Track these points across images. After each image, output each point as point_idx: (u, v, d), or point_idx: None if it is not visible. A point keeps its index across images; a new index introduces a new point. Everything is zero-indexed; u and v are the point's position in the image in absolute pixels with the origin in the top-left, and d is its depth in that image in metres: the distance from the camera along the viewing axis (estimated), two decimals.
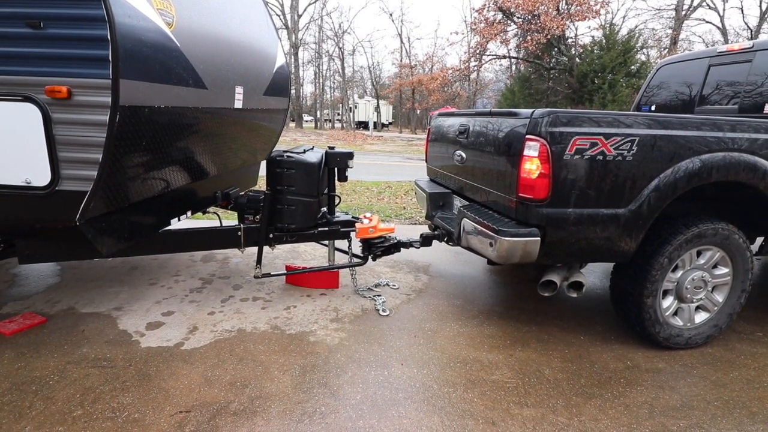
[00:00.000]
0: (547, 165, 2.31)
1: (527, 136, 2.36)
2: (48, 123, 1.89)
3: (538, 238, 2.38)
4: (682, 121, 2.45)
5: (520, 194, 2.43)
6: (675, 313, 2.70)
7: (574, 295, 2.64)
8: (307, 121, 44.96)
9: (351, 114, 40.28)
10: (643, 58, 21.65)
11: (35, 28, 1.86)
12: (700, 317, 2.74)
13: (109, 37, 1.81)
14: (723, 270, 2.70)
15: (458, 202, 3.20)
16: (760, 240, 3.21)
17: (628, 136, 2.36)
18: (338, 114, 47.54)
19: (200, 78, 2.51)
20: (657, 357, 2.59)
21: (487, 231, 2.51)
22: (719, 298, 2.73)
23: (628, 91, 17.72)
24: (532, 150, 2.34)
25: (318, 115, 44.47)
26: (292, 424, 1.91)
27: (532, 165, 2.35)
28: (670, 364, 2.52)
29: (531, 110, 2.41)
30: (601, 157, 2.34)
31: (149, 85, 2.08)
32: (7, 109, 1.91)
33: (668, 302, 2.66)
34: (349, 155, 3.30)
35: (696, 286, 2.66)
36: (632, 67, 18.59)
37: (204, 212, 3.62)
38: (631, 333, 2.81)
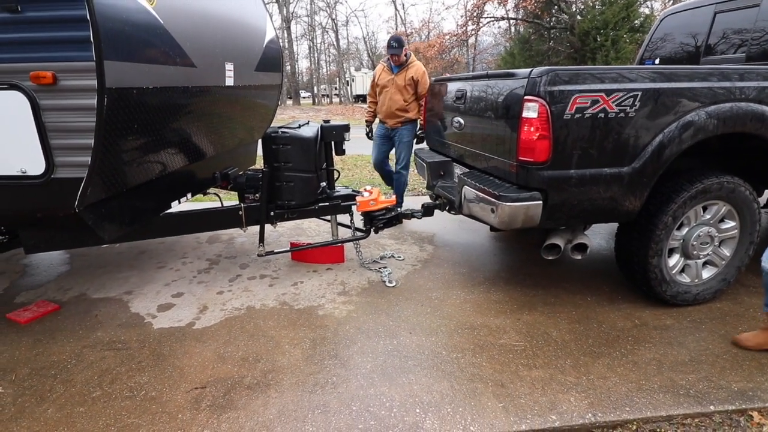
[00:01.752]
0: (547, 126, 2.25)
1: (526, 97, 2.30)
2: (36, 110, 1.86)
3: (540, 202, 2.35)
4: (687, 73, 2.37)
5: (521, 158, 2.39)
6: (682, 271, 2.69)
7: (578, 257, 2.63)
8: (304, 98, 44.32)
9: (348, 88, 39.59)
10: (647, 11, 20.85)
11: (12, 12, 1.80)
12: (708, 272, 2.73)
13: (88, 17, 1.75)
14: (730, 223, 2.67)
15: (458, 170, 3.16)
16: None
17: (630, 91, 2.29)
18: (335, 88, 46.72)
19: (187, 55, 2.45)
20: (665, 314, 2.60)
21: (488, 197, 2.48)
22: (727, 252, 2.71)
23: (632, 47, 17.15)
24: (531, 111, 2.28)
25: (315, 91, 43.76)
26: (305, 395, 1.96)
27: (531, 127, 2.30)
28: (678, 321, 2.53)
29: (529, 69, 2.33)
30: (602, 115, 2.28)
31: (135, 66, 2.03)
32: None
33: (674, 260, 2.64)
34: (345, 128, 3.25)
35: (702, 242, 2.63)
36: (636, 21, 17.92)
37: (204, 194, 3.62)
38: (639, 292, 2.81)
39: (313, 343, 2.36)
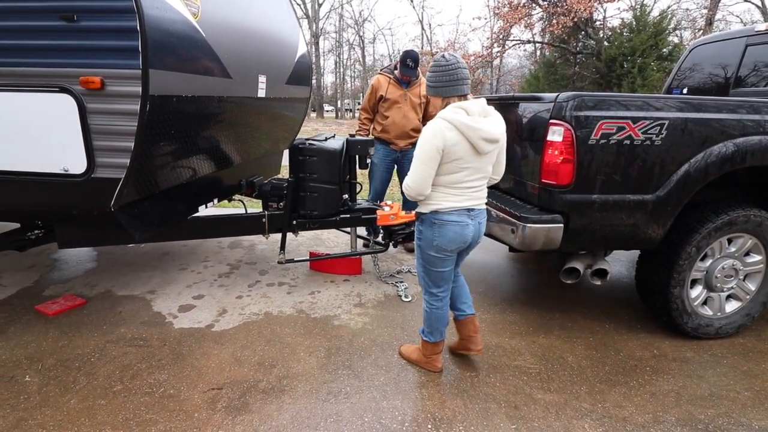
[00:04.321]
0: (572, 150, 2.27)
1: (551, 121, 2.33)
2: (83, 113, 1.97)
3: (562, 225, 2.36)
4: (717, 104, 2.36)
5: (543, 180, 2.40)
6: (704, 303, 2.64)
7: (598, 282, 2.61)
8: (327, 111, 45.11)
9: None
10: (676, 40, 20.69)
11: (69, 21, 1.94)
12: (731, 306, 2.67)
13: (138, 28, 1.87)
14: (756, 258, 2.62)
15: None
16: None
17: (657, 119, 2.29)
18: (359, 103, 47.46)
19: (225, 67, 2.57)
20: (685, 346, 2.54)
21: (509, 218, 2.50)
22: (752, 286, 2.65)
23: (659, 75, 17.00)
24: (556, 135, 2.31)
25: (339, 105, 44.52)
26: (318, 403, 1.98)
27: (555, 150, 2.32)
28: (699, 354, 2.47)
29: (555, 94, 2.36)
30: (628, 142, 2.29)
31: (177, 75, 2.14)
32: (45, 100, 2.00)
33: (697, 291, 2.60)
34: (370, 143, 3.32)
35: (726, 274, 2.59)
36: (664, 50, 17.79)
37: (230, 200, 3.72)
38: (659, 322, 2.76)
39: (328, 353, 2.39)
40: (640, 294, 2.78)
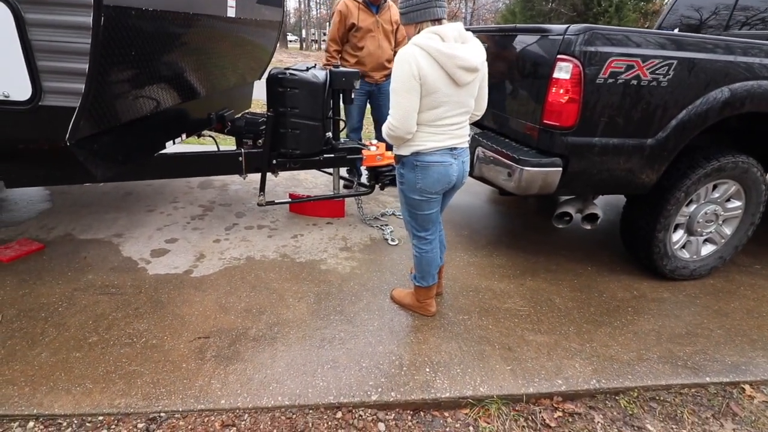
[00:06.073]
0: (578, 89, 2.14)
1: (559, 56, 2.17)
2: (21, 24, 1.63)
3: (560, 169, 2.29)
4: (729, 45, 2.26)
5: (545, 121, 2.29)
6: (683, 246, 2.72)
7: (588, 227, 2.62)
8: (291, 42, 42.14)
9: None
10: None
11: None
12: (707, 250, 2.76)
13: None
14: (736, 203, 2.68)
15: (471, 130, 3.04)
16: None
17: (666, 59, 2.18)
18: (324, 34, 44.47)
19: None
20: (662, 287, 2.65)
21: (506, 160, 2.40)
22: (728, 230, 2.74)
23: (635, 16, 16.76)
24: (563, 72, 2.16)
25: (303, 35, 41.59)
26: (313, 350, 1.93)
27: (561, 89, 2.18)
28: (674, 294, 2.59)
29: (564, 26, 2.18)
30: (635, 82, 2.18)
31: None
32: None
33: (678, 236, 2.66)
34: (355, 75, 3.04)
35: (707, 219, 2.65)
36: None
37: (199, 136, 3.41)
38: (637, 264, 2.85)
39: (318, 298, 2.32)
40: (623, 237, 2.83)
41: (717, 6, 3.75)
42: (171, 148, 2.72)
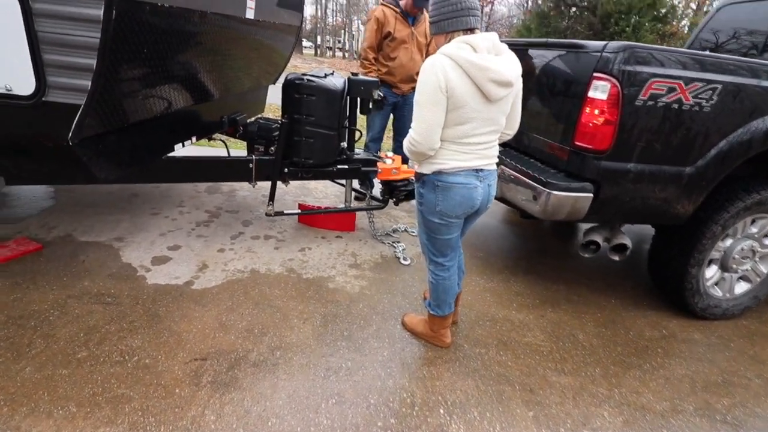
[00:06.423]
0: (615, 110, 2.00)
1: (595, 74, 2.02)
2: (27, 14, 1.52)
3: (591, 195, 2.13)
4: None
5: (577, 143, 2.14)
6: (716, 283, 2.54)
7: (617, 258, 2.44)
8: (306, 47, 42.48)
9: (353, 41, 37.99)
10: (675, 1, 20.06)
11: None
12: (741, 288, 2.58)
13: None
14: None
15: None
16: None
17: (710, 82, 2.03)
18: (339, 41, 44.84)
19: None
20: (692, 326, 2.47)
21: (532, 182, 2.25)
22: (764, 268, 2.57)
23: (652, 37, 16.62)
24: (599, 91, 2.01)
25: (318, 41, 41.97)
26: (318, 380, 1.77)
27: (596, 109, 2.04)
28: (706, 336, 2.40)
29: (602, 42, 2.05)
30: (676, 106, 2.03)
31: None
32: None
33: (712, 272, 2.49)
34: (374, 84, 2.92)
35: (744, 255, 2.47)
36: (662, 10, 17.28)
37: (209, 139, 3.30)
38: (663, 298, 2.67)
39: (324, 320, 2.17)
40: (650, 270, 2.65)
41: (754, 28, 3.60)
42: (179, 150, 2.61)
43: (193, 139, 2.79)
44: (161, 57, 2.01)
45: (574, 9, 20.47)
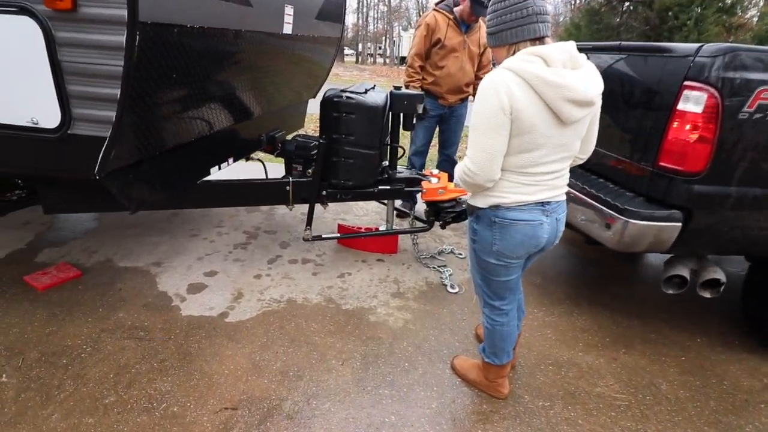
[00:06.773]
0: (713, 125, 1.67)
1: (687, 83, 1.70)
2: (51, 44, 1.43)
3: (680, 224, 1.80)
4: None
5: (662, 163, 1.82)
6: None
7: (708, 295, 2.07)
8: (347, 55, 43.02)
9: (394, 48, 38.04)
10: None
11: None
12: None
13: None
14: None
15: None
16: None
17: None
18: (380, 48, 45.05)
19: None
20: None
21: (605, 208, 1.94)
22: None
23: (717, 30, 15.32)
24: (692, 102, 1.69)
25: (360, 49, 42.37)
26: None
27: (688, 124, 1.71)
28: None
29: (696, 45, 1.72)
30: None
31: None
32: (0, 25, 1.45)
33: None
34: (419, 98, 2.70)
35: None
36: (727, 0, 15.92)
37: (247, 159, 3.20)
38: (758, 338, 2.26)
39: (365, 361, 1.96)
40: (745, 307, 2.26)
41: None
42: (215, 174, 2.51)
43: (230, 160, 2.69)
44: (193, 80, 1.89)
45: (627, 3, 19.36)
